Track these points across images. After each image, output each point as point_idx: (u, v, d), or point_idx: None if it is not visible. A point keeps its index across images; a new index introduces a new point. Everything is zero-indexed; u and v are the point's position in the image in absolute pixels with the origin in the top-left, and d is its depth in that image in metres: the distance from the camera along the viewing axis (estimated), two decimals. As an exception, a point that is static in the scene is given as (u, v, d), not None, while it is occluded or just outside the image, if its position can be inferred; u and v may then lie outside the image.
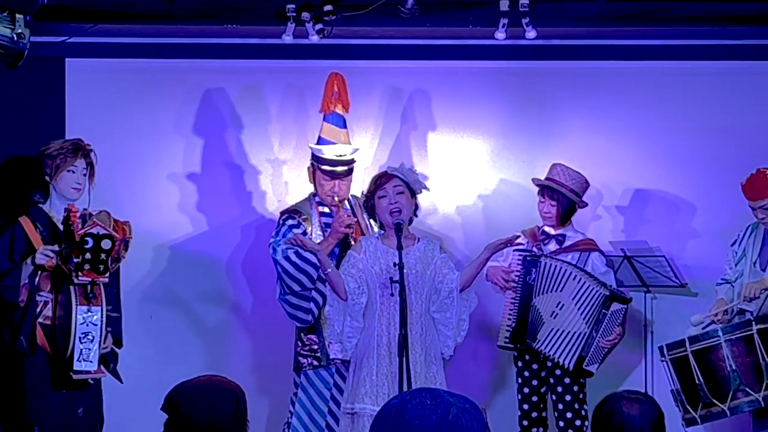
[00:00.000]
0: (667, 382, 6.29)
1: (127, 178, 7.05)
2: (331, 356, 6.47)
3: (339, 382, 6.52)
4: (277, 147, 7.20)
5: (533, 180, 6.79)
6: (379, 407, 5.88)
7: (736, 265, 6.54)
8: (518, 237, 6.61)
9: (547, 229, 6.75)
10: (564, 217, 6.70)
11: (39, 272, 5.91)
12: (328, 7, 6.49)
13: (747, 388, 6.03)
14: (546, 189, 6.68)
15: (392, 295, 6.10)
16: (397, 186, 6.26)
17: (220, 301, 7.16)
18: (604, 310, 6.44)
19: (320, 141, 6.67)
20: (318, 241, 6.49)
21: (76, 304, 5.77)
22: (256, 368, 7.14)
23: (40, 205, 6.12)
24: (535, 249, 6.68)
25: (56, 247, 5.88)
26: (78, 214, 5.90)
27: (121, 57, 7.07)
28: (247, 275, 7.18)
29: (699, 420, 6.12)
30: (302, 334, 6.58)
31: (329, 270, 6.18)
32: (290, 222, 6.57)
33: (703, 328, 6.31)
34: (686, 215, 7.17)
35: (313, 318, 6.50)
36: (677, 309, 6.97)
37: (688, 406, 6.12)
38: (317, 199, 6.66)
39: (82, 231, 5.75)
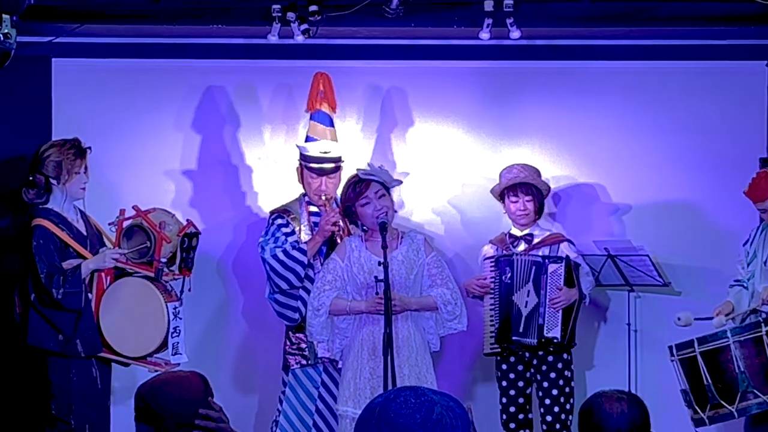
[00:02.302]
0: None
1: (113, 178, 7.04)
2: (319, 355, 6.49)
3: (327, 381, 6.54)
4: (269, 146, 7.20)
5: (498, 186, 6.75)
6: (360, 410, 5.94)
7: (748, 265, 6.48)
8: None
9: (513, 231, 6.80)
10: (540, 210, 6.75)
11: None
12: (313, 8, 6.49)
13: (756, 390, 5.94)
14: (520, 187, 6.70)
15: (377, 293, 6.12)
16: (379, 190, 6.25)
17: (210, 298, 7.16)
18: (542, 275, 6.55)
19: (307, 139, 6.71)
20: (306, 240, 6.53)
21: (165, 302, 6.01)
22: (246, 367, 7.15)
23: (45, 206, 6.12)
24: (505, 253, 6.75)
25: (124, 249, 6.01)
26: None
27: (107, 57, 7.06)
28: (237, 273, 7.19)
29: (707, 421, 6.05)
30: (291, 333, 6.61)
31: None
32: (279, 221, 6.60)
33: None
34: (670, 214, 7.17)
35: (301, 316, 6.51)
36: (661, 308, 6.99)
37: (696, 407, 6.05)
38: (307, 199, 6.68)
39: (182, 231, 6.05)
